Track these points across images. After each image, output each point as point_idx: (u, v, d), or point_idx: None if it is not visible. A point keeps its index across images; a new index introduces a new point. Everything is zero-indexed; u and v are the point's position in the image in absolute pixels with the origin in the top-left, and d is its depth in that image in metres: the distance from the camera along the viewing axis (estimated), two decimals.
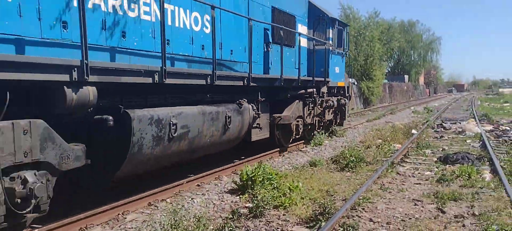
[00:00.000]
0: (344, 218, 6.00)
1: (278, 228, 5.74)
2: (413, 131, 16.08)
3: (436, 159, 10.56)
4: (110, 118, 5.81)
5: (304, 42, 12.58)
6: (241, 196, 7.23)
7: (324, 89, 13.39)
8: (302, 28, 12.45)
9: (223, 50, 8.44)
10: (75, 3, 5.30)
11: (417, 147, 12.48)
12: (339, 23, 14.64)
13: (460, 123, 19.34)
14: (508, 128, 17.24)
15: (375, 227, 5.76)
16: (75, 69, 5.07)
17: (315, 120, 13.45)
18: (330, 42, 13.74)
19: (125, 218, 6.16)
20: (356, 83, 31.12)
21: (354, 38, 36.59)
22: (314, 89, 12.59)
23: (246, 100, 9.17)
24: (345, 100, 15.53)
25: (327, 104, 13.78)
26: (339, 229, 5.58)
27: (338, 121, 15.84)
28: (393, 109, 31.86)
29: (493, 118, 22.33)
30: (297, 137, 12.36)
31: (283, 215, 6.26)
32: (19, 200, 4.55)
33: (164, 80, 6.42)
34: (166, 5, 6.69)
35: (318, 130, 14.01)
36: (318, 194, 7.32)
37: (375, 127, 18.21)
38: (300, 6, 12.53)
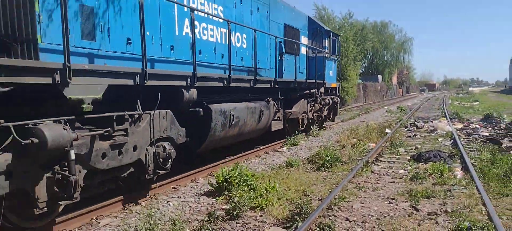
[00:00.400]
0: (321, 217, 6.03)
1: (255, 230, 5.72)
2: (387, 130, 16.34)
3: (409, 157, 10.76)
4: (200, 109, 8.24)
5: (306, 51, 15.16)
6: (217, 198, 7.18)
7: (322, 90, 16.09)
8: (304, 39, 14.94)
9: (252, 60, 10.74)
10: (183, 33, 8.01)
11: (391, 145, 12.68)
12: (332, 34, 17.19)
13: (432, 122, 19.77)
14: (478, 126, 17.73)
15: (351, 226, 5.81)
16: (189, 78, 7.61)
17: (315, 115, 16.01)
18: (326, 50, 16.17)
19: (99, 222, 6.03)
20: None
21: None
22: (316, 90, 15.26)
23: (271, 98, 11.74)
24: (337, 99, 18.30)
25: (324, 102, 16.55)
26: (316, 229, 5.60)
27: (331, 116, 18.32)
28: (368, 109, 32.31)
29: (464, 117, 22.93)
30: (301, 129, 14.68)
31: (260, 216, 6.25)
32: (161, 160, 6.95)
33: (229, 84, 9.00)
34: (221, 29, 9.33)
35: (317, 124, 16.52)
36: (295, 194, 7.34)
37: (350, 126, 18.42)
38: (302, 21, 15.06)
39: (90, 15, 5.88)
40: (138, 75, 6.28)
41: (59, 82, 4.97)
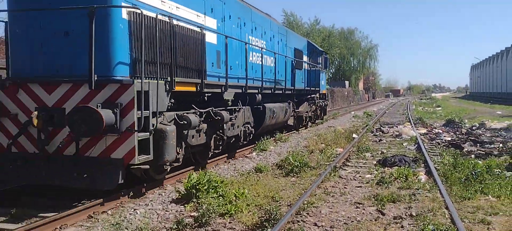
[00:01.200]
0: (290, 223, 6.06)
1: None
2: (354, 135, 16.64)
3: (375, 162, 10.98)
4: (260, 106, 12.94)
5: (306, 66, 19.60)
6: (186, 205, 7.08)
7: (317, 95, 21.43)
8: (305, 57, 19.71)
9: (279, 75, 15.28)
10: (253, 62, 12.97)
11: (358, 150, 12.91)
12: (324, 53, 22.83)
13: (397, 127, 20.29)
14: (440, 131, 18.33)
15: None
16: (259, 88, 12.70)
17: (312, 114, 21.02)
18: (319, 65, 21.21)
19: None
20: None
21: None
22: (313, 95, 20.69)
23: (290, 101, 16.75)
24: (326, 102, 24.23)
25: (319, 104, 22.13)
26: None
27: (322, 116, 23.80)
28: (335, 114, 32.77)
29: (427, 122, 23.66)
30: (304, 124, 19.87)
31: (229, 223, 6.22)
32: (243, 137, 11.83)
33: (274, 91, 14.46)
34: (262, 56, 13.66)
35: (312, 121, 21.50)
36: (264, 200, 7.35)
37: (318, 131, 18.64)
38: (304, 43, 20.27)
39: (219, 55, 10.19)
40: (243, 88, 11.46)
41: (223, 91, 10.14)
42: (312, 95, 20.44)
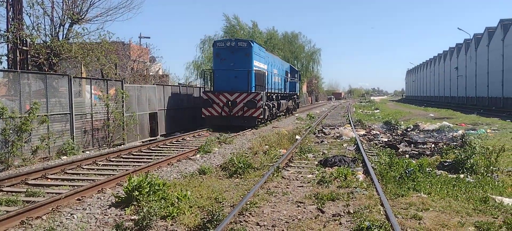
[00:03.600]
0: (232, 224, 6.08)
1: None
2: (297, 137, 16.99)
3: (317, 162, 11.28)
4: (281, 101, 29.72)
5: (289, 78, 33.77)
6: (126, 208, 6.90)
7: (295, 96, 38.35)
8: (289, 75, 33.92)
9: (282, 86, 30.55)
10: (277, 81, 29.39)
11: (300, 151, 13.19)
12: (299, 71, 44.61)
13: (338, 128, 20.96)
14: (378, 133, 19.14)
15: (262, 230, 5.93)
16: (278, 93, 28.74)
17: (292, 106, 35.57)
18: (296, 78, 38.28)
19: None
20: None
21: None
22: (293, 96, 36.84)
23: (288, 99, 33.56)
24: (299, 100, 43.33)
25: (295, 101, 38.16)
26: None
27: (296, 109, 39.34)
28: (279, 116, 33.30)
29: (366, 123, 24.65)
30: (290, 112, 34.97)
31: (171, 225, 6.13)
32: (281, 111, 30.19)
33: (281, 94, 30.02)
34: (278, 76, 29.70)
35: (293, 111, 36.90)
36: (207, 201, 7.32)
37: (263, 133, 18.84)
38: (288, 66, 35.59)
39: (260, 77, 22.29)
40: (272, 93, 25.88)
41: (271, 93, 26.20)
42: (293, 96, 36.98)
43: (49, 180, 9.51)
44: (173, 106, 21.72)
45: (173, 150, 14.29)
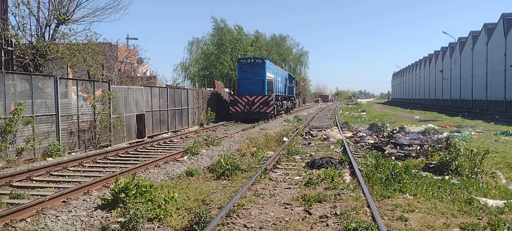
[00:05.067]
0: (220, 226, 6.08)
1: None
2: (285, 139, 17.02)
3: (304, 164, 11.32)
4: (284, 102, 40.17)
5: (288, 84, 43.06)
6: (112, 211, 6.85)
7: (292, 98, 48.55)
8: (287, 81, 43.17)
9: (283, 90, 39.73)
10: (279, 84, 38.36)
11: (288, 153, 13.23)
12: (295, 79, 52.52)
13: (325, 131, 21.07)
14: (364, 135, 19.29)
15: None
16: (281, 95, 38.32)
17: (290, 106, 45.89)
18: (293, 84, 47.92)
19: None
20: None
21: (229, 49, 51.27)
22: (292, 98, 47.95)
23: (288, 100, 43.45)
24: (295, 102, 55.09)
25: (292, 102, 49.29)
26: None
27: (293, 108, 49.61)
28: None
29: (353, 126, 24.84)
30: (289, 111, 44.50)
31: (158, 227, 6.11)
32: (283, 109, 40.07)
33: (283, 96, 39.92)
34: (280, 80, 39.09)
35: (291, 110, 46.18)
36: (195, 203, 7.31)
37: (251, 135, 18.86)
38: (287, 74, 45.17)
39: (270, 84, 31.55)
40: (278, 95, 35.49)
41: (277, 95, 36.24)
42: (291, 98, 46.01)
43: (34, 182, 9.40)
44: (160, 108, 21.62)
45: (161, 152, 14.23)
